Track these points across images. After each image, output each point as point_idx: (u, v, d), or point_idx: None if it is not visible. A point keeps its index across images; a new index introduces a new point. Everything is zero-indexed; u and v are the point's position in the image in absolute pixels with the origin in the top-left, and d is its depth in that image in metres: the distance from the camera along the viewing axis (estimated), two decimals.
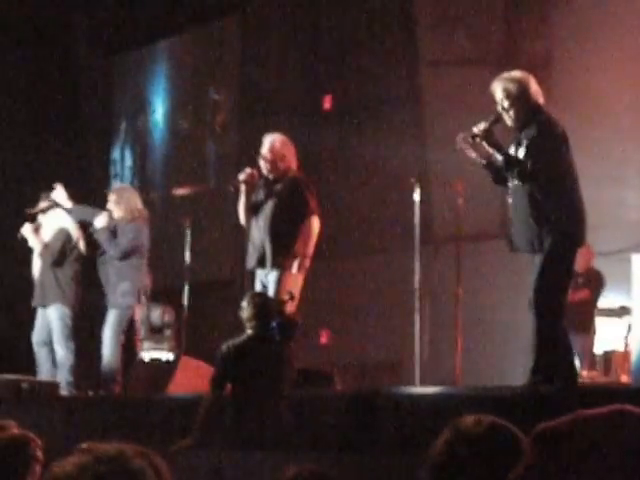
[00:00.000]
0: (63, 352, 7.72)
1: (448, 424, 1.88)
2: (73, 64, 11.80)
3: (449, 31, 8.97)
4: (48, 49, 11.53)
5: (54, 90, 11.54)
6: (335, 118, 9.80)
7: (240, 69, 10.73)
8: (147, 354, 8.42)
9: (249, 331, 5.58)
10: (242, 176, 6.70)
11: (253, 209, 6.69)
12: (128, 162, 12.06)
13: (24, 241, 7.87)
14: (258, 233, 6.62)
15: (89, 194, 11.00)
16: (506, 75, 5.31)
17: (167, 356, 8.49)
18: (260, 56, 10.44)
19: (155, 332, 9.05)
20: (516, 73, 5.35)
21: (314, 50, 10.13)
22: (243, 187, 6.68)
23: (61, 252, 7.78)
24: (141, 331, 8.64)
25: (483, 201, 7.81)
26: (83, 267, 7.92)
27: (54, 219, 7.88)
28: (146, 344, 8.66)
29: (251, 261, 6.65)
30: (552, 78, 8.23)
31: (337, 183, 9.64)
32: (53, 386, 7.53)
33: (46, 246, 7.80)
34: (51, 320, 7.76)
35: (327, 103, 9.85)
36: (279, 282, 6.48)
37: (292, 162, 6.73)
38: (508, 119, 5.25)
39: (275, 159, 6.65)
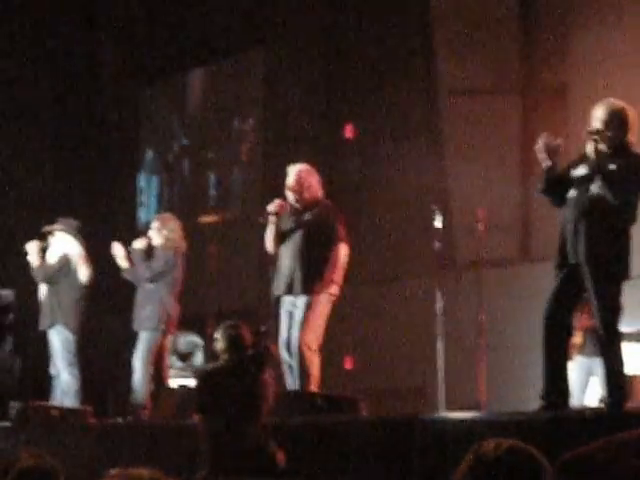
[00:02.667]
0: (68, 378, 7.84)
1: (471, 449, 1.91)
2: (100, 94, 11.98)
3: (468, 60, 9.07)
4: (75, 80, 11.72)
5: (81, 120, 11.73)
6: (356, 147, 9.91)
7: (264, 99, 10.87)
8: (174, 381, 8.52)
9: (221, 362, 5.68)
10: (271, 207, 6.81)
11: (282, 238, 6.80)
12: (154, 191, 12.20)
13: (26, 254, 8.02)
14: (287, 261, 6.72)
15: (115, 222, 11.18)
16: (614, 99, 5.37)
17: (194, 383, 8.57)
18: (283, 87, 10.57)
19: (182, 359, 9.16)
20: (623, 103, 5.38)
21: (335, 80, 10.26)
22: (272, 218, 6.79)
23: (51, 275, 7.91)
24: (168, 359, 8.75)
25: (504, 227, 7.89)
26: (113, 295, 8.07)
27: (60, 243, 8.03)
28: (173, 371, 8.76)
29: (279, 288, 6.75)
30: (568, 107, 8.33)
31: (359, 211, 9.72)
32: (82, 413, 7.63)
33: (41, 265, 7.94)
34: (53, 345, 7.90)
35: (348, 132, 9.96)
36: (308, 307, 6.58)
37: (318, 190, 6.85)
38: (601, 141, 5.24)
39: (301, 189, 6.77)
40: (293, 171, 6.86)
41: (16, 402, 7.72)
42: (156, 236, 7.80)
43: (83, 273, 7.97)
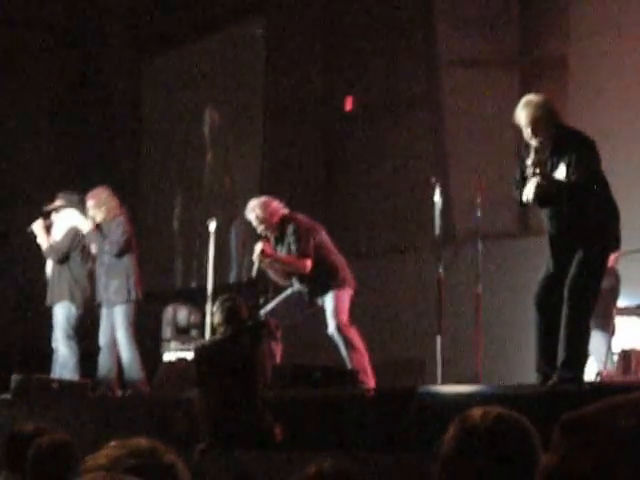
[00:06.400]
0: (65, 351, 7.87)
1: (456, 418, 1.86)
2: (103, 64, 11.94)
3: (467, 31, 9.03)
4: (78, 51, 11.68)
5: (84, 92, 11.70)
6: (356, 119, 9.89)
7: (264, 71, 10.82)
8: (174, 354, 8.56)
9: (219, 335, 5.71)
10: (255, 257, 6.93)
11: (285, 273, 7.00)
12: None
13: (33, 236, 8.02)
14: (299, 284, 6.96)
15: (118, 194, 11.16)
16: (528, 101, 5.34)
17: (192, 356, 8.60)
18: (284, 58, 10.53)
19: (181, 332, 9.20)
20: (536, 97, 5.39)
21: (335, 52, 10.22)
22: (266, 262, 6.92)
23: (65, 252, 7.90)
24: (167, 331, 8.78)
25: (502, 200, 7.86)
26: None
27: (66, 218, 8.01)
28: (173, 344, 8.80)
29: (307, 298, 6.98)
30: (568, 77, 8.29)
31: (359, 183, 9.72)
32: (82, 386, 7.68)
33: (52, 245, 7.94)
34: (56, 317, 7.92)
35: (349, 104, 9.93)
36: (333, 299, 6.80)
37: (280, 211, 6.97)
38: (537, 143, 5.29)
39: (267, 222, 6.91)
40: (249, 212, 7.00)
41: (17, 375, 7.76)
42: (97, 214, 7.75)
43: (94, 245, 7.98)
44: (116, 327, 7.63)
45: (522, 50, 8.88)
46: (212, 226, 8.11)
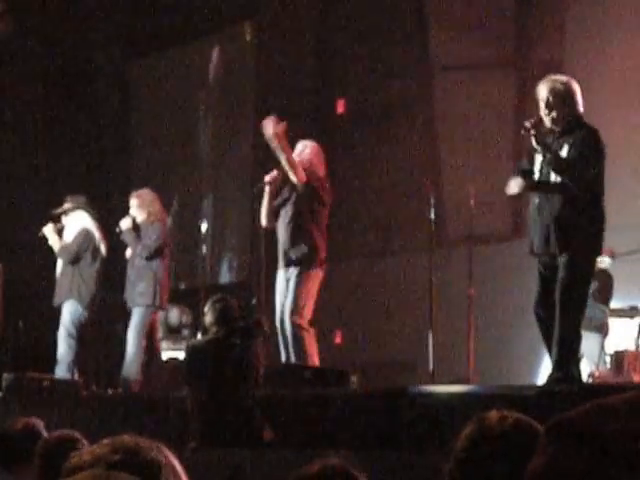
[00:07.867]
0: (63, 348, 7.91)
1: (471, 418, 1.86)
2: (89, 70, 11.93)
3: (462, 36, 9.04)
4: (64, 56, 11.66)
5: (70, 96, 11.68)
6: (348, 122, 9.89)
7: (256, 74, 10.82)
8: (165, 354, 8.56)
9: (210, 335, 5.73)
10: (267, 178, 6.84)
11: (277, 211, 6.84)
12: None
13: (44, 240, 8.05)
14: (280, 233, 6.79)
15: (108, 198, 11.16)
16: (555, 77, 5.27)
17: (183, 356, 8.62)
18: (275, 61, 10.53)
19: (173, 332, 9.21)
20: (560, 76, 5.33)
21: (328, 54, 10.22)
22: (267, 189, 6.79)
23: (77, 253, 7.94)
24: (159, 332, 8.78)
25: (495, 203, 7.89)
26: (107, 269, 8.10)
27: (76, 220, 8.04)
28: (164, 344, 8.80)
29: (280, 261, 6.79)
30: None
31: (351, 186, 9.73)
32: (74, 384, 7.68)
33: (63, 247, 7.97)
34: (63, 316, 7.95)
35: (340, 107, 9.94)
36: (300, 277, 6.61)
37: (318, 169, 6.82)
38: (549, 120, 5.18)
39: (308, 164, 6.79)
40: (299, 146, 6.93)
41: (9, 373, 7.76)
42: (139, 213, 7.81)
43: (103, 246, 8.02)
44: (130, 326, 7.69)
45: (517, 55, 8.90)
46: (204, 227, 8.11)
